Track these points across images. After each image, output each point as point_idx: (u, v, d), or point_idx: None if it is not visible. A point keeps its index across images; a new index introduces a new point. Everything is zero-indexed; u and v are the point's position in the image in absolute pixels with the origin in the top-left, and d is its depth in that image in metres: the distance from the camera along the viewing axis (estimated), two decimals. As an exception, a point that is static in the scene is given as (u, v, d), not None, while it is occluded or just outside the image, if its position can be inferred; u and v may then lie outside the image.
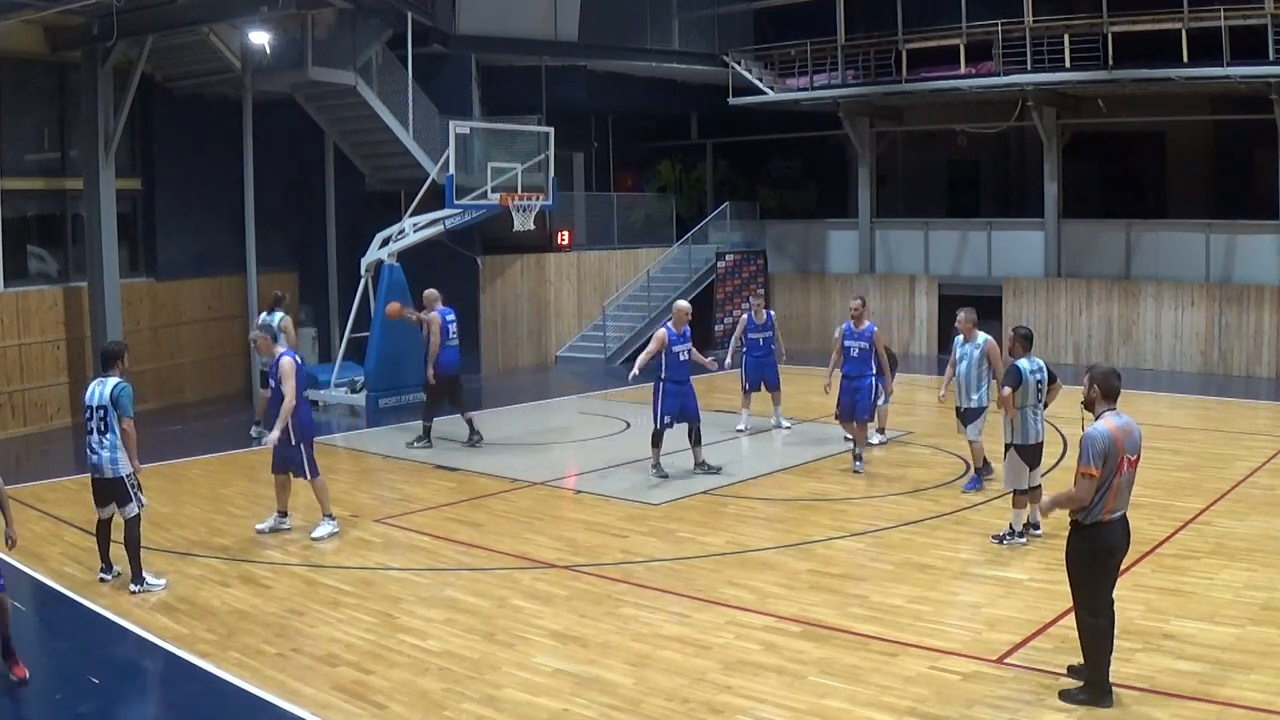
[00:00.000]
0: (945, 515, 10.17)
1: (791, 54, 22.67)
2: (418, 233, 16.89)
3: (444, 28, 19.92)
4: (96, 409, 8.41)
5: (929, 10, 21.07)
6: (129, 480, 8.49)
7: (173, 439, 14.98)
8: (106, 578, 8.72)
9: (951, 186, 25.72)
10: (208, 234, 18.28)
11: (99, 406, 8.40)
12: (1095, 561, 6.10)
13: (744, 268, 24.27)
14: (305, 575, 8.97)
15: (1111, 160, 23.19)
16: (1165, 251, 20.12)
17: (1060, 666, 6.62)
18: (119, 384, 8.47)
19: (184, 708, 6.69)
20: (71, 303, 16.03)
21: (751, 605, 8.00)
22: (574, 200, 23.34)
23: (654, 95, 24.41)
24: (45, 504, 11.24)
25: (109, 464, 8.43)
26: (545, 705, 6.40)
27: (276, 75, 17.38)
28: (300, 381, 9.77)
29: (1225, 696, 6.17)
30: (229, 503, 11.35)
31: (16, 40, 15.05)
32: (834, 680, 6.65)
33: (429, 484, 12.10)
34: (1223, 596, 7.82)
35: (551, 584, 8.63)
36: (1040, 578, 8.30)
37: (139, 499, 8.59)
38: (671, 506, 10.88)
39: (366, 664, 7.06)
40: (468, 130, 17.37)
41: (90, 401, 8.46)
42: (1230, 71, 17.49)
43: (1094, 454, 5.97)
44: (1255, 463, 12.10)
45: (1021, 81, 19.59)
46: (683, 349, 11.97)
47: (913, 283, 22.69)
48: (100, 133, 15.29)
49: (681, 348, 11.94)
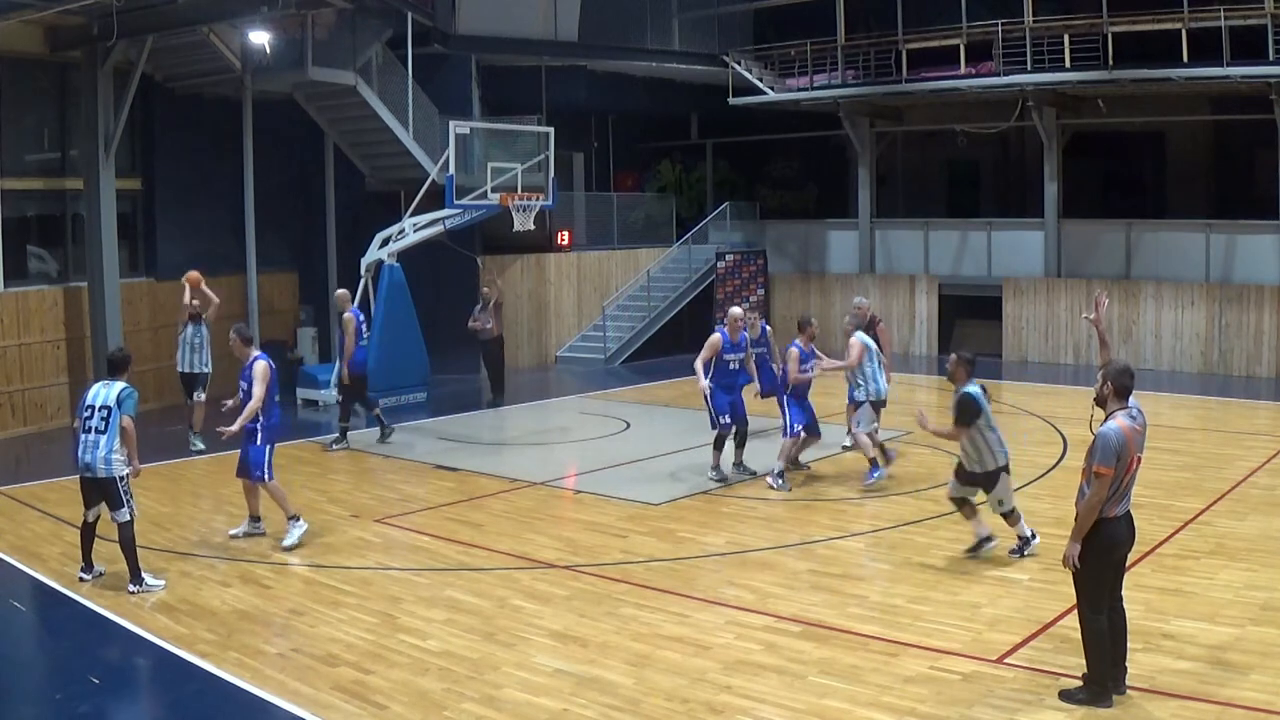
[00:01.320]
0: (945, 515, 10.15)
1: (791, 54, 22.67)
2: (418, 233, 16.89)
3: (444, 28, 19.92)
4: (99, 409, 8.40)
5: (929, 10, 21.07)
6: (122, 484, 8.44)
7: (173, 439, 14.98)
8: (86, 577, 8.68)
9: (951, 186, 25.71)
10: (208, 234, 18.27)
11: (102, 406, 8.40)
12: (1099, 557, 6.11)
13: (744, 268, 24.25)
14: (305, 575, 8.97)
15: (1111, 160, 23.18)
16: (1165, 251, 20.12)
17: (1060, 666, 6.62)
18: (126, 388, 8.52)
19: (184, 708, 6.68)
20: (71, 303, 16.03)
21: (751, 605, 8.00)
22: (574, 200, 23.34)
23: (654, 95, 24.41)
24: (45, 504, 11.24)
25: (103, 464, 8.38)
26: (545, 705, 6.40)
27: (276, 75, 17.38)
28: (273, 385, 9.76)
29: (1225, 696, 6.17)
30: (229, 503, 11.34)
31: (16, 40, 15.05)
32: (834, 680, 6.65)
33: (429, 484, 12.10)
34: (1223, 596, 7.82)
35: (551, 584, 8.63)
36: (1040, 578, 8.29)
37: (130, 506, 8.48)
38: (671, 506, 10.88)
39: (366, 664, 7.06)
40: (468, 130, 17.37)
41: (92, 402, 8.45)
42: (1230, 71, 17.49)
43: (1108, 453, 6.00)
44: (1255, 463, 12.10)
45: (1021, 81, 19.59)
46: (735, 358, 11.60)
47: (913, 283, 22.68)
48: (100, 133, 15.29)
49: (734, 356, 11.59)
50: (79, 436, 8.50)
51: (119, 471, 8.41)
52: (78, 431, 8.56)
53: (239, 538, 9.95)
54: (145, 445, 14.70)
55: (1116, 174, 23.44)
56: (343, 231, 19.75)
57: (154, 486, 12.22)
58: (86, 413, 8.46)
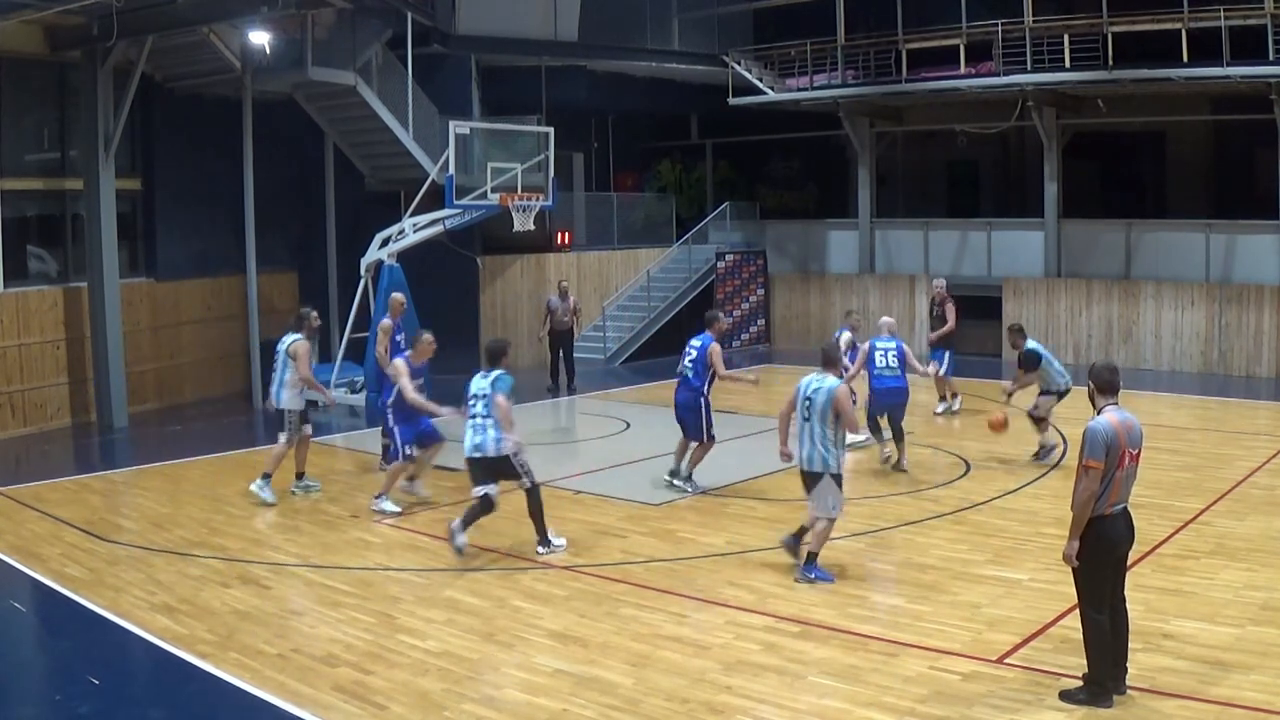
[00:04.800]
0: (945, 515, 10.16)
1: (791, 54, 22.66)
2: (417, 233, 16.89)
3: (444, 28, 19.93)
4: (480, 396, 9.27)
5: (929, 10, 21.07)
6: (516, 459, 9.19)
7: (173, 439, 15.00)
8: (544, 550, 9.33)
9: (951, 186, 25.70)
10: (208, 234, 18.29)
11: (482, 395, 9.26)
12: (1097, 555, 6.11)
13: (744, 268, 24.28)
14: (305, 575, 8.97)
15: (1111, 160, 23.17)
16: (1165, 251, 20.11)
17: (1060, 666, 6.62)
18: (501, 374, 9.34)
19: (184, 708, 6.68)
20: (71, 303, 16.03)
21: (751, 605, 8.00)
22: (574, 200, 23.33)
23: (654, 95, 24.41)
24: (45, 504, 11.25)
25: (493, 444, 9.13)
26: (545, 705, 6.40)
27: (276, 75, 17.38)
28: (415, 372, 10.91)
29: (1225, 696, 6.17)
30: (229, 503, 11.35)
31: (16, 40, 15.05)
32: (834, 680, 6.65)
33: (429, 484, 12.09)
34: (1223, 596, 7.82)
35: (551, 584, 8.63)
36: (1040, 578, 8.29)
37: (529, 474, 9.27)
38: (671, 507, 10.88)
39: (366, 664, 7.06)
40: (468, 130, 17.37)
41: (475, 391, 9.34)
42: (1230, 71, 17.49)
43: (1096, 446, 6.01)
44: (1255, 463, 12.10)
45: (1021, 81, 19.59)
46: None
47: (913, 283, 22.68)
48: (100, 133, 15.29)
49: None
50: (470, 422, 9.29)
51: (507, 449, 9.11)
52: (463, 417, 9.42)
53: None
54: (146, 445, 14.84)
55: (1116, 174, 23.43)
56: (343, 231, 19.75)
57: (154, 486, 12.24)
58: (471, 401, 9.35)
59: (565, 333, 18.88)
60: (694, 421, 11.15)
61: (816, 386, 8.50)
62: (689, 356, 11.20)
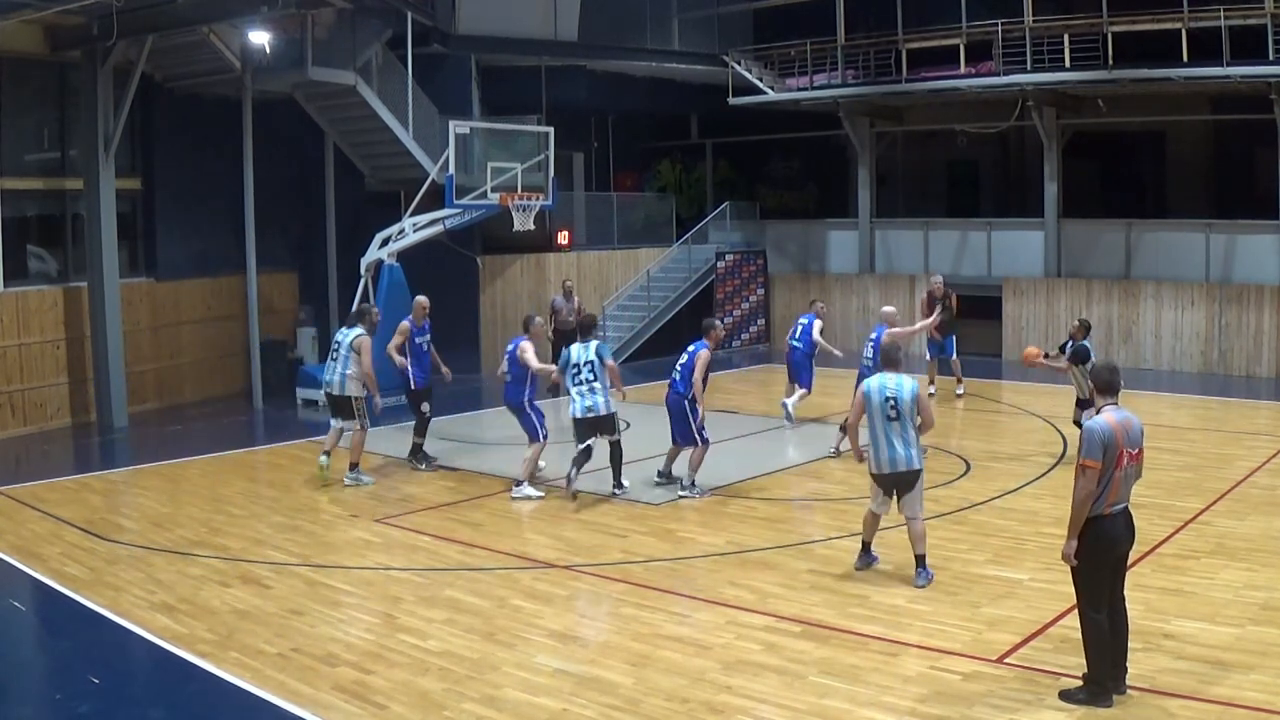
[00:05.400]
0: (945, 515, 10.16)
1: (791, 54, 22.66)
2: (418, 233, 16.89)
3: (444, 28, 19.92)
4: (585, 364, 10.78)
5: (929, 10, 21.06)
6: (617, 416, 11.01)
7: (173, 439, 15.00)
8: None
9: (951, 186, 25.69)
10: (208, 234, 18.28)
11: (586, 362, 10.78)
12: (1096, 555, 6.11)
13: (744, 268, 24.28)
14: (305, 575, 8.96)
15: (1111, 160, 23.17)
16: (1165, 251, 20.10)
17: (1060, 666, 6.62)
18: (600, 343, 10.99)
19: (184, 708, 6.67)
20: (71, 303, 16.03)
21: (751, 605, 8.00)
22: (574, 200, 23.32)
23: (654, 95, 24.40)
24: (45, 504, 11.25)
25: (604, 405, 10.77)
26: (545, 705, 6.40)
27: (276, 75, 17.37)
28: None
29: (1225, 696, 6.17)
30: (229, 503, 11.35)
31: (16, 40, 15.06)
32: (834, 680, 6.65)
33: (429, 484, 12.11)
34: (1223, 596, 7.82)
35: (551, 584, 8.63)
36: (1040, 578, 8.29)
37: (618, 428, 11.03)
38: (671, 506, 10.88)
39: (366, 664, 7.06)
40: (468, 130, 17.37)
41: (576, 360, 10.83)
42: (1230, 71, 17.48)
43: (1093, 446, 6.02)
44: (1255, 463, 12.10)
45: (1021, 81, 19.59)
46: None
47: (913, 283, 22.66)
48: (100, 133, 15.29)
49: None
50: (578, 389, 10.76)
51: (614, 409, 10.86)
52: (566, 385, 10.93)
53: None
54: (146, 445, 14.84)
55: (1116, 174, 23.43)
56: (343, 231, 19.75)
57: (154, 486, 12.24)
58: (573, 370, 10.82)
59: (569, 332, 18.83)
60: (683, 425, 11.20)
61: (897, 386, 8.39)
62: (680, 361, 11.28)
